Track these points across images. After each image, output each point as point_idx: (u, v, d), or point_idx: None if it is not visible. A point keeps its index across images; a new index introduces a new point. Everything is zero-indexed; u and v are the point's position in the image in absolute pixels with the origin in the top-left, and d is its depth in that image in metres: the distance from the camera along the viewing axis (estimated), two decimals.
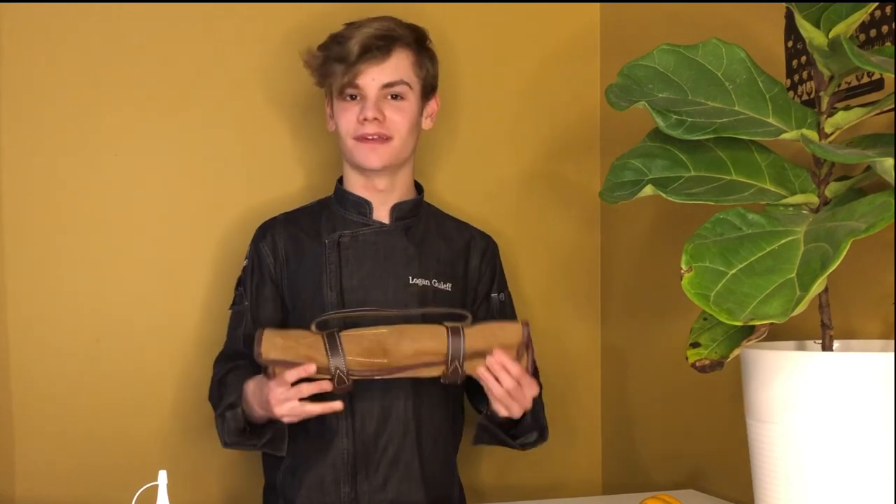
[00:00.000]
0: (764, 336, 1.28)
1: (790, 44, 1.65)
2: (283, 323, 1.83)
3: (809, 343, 1.42)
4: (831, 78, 1.32)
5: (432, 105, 1.87)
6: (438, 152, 2.17)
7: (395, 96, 1.78)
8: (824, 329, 1.33)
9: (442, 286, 1.83)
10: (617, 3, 2.21)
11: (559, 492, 2.20)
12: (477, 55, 2.20)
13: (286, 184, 2.08)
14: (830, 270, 1.09)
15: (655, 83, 1.39)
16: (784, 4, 1.62)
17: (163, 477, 1.20)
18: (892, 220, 1.12)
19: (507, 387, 1.64)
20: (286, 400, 1.61)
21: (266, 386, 1.63)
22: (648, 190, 1.34)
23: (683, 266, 1.19)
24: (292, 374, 1.59)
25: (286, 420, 1.65)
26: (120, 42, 1.99)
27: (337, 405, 1.63)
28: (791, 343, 1.44)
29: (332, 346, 1.60)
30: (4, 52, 1.93)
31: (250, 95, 2.06)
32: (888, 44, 1.44)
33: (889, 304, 1.45)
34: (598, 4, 2.27)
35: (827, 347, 1.33)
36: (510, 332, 1.64)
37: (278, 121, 2.08)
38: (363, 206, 1.84)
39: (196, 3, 2.02)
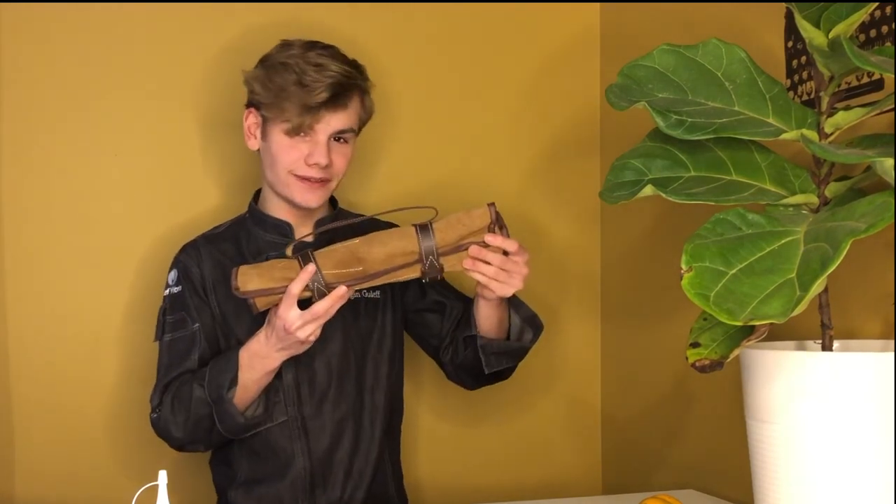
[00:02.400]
0: (764, 336, 1.28)
1: (790, 44, 1.65)
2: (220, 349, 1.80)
3: (809, 343, 1.42)
4: (831, 78, 1.32)
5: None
6: (438, 152, 2.17)
7: (339, 139, 1.76)
8: (824, 329, 1.33)
9: (370, 295, 1.83)
10: (617, 3, 2.21)
11: (559, 492, 2.20)
12: (477, 55, 2.20)
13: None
14: (830, 270, 1.09)
15: (655, 83, 1.39)
16: (784, 4, 1.62)
17: (163, 477, 1.20)
18: (892, 220, 1.12)
19: (496, 264, 1.63)
20: (305, 322, 1.59)
21: (273, 323, 1.61)
22: (648, 190, 1.34)
23: (683, 266, 1.19)
24: (297, 286, 1.57)
25: (306, 337, 1.60)
26: (123, 42, 1.99)
27: (343, 290, 1.60)
28: (791, 343, 1.44)
29: (306, 263, 1.59)
30: (4, 52, 1.93)
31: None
32: (888, 44, 1.44)
33: (889, 304, 1.45)
34: (598, 4, 2.27)
35: (827, 347, 1.33)
36: (477, 216, 1.64)
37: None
38: (283, 228, 1.81)
39: (200, 3, 2.02)
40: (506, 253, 1.65)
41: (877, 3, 1.30)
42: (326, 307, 1.59)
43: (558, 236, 2.24)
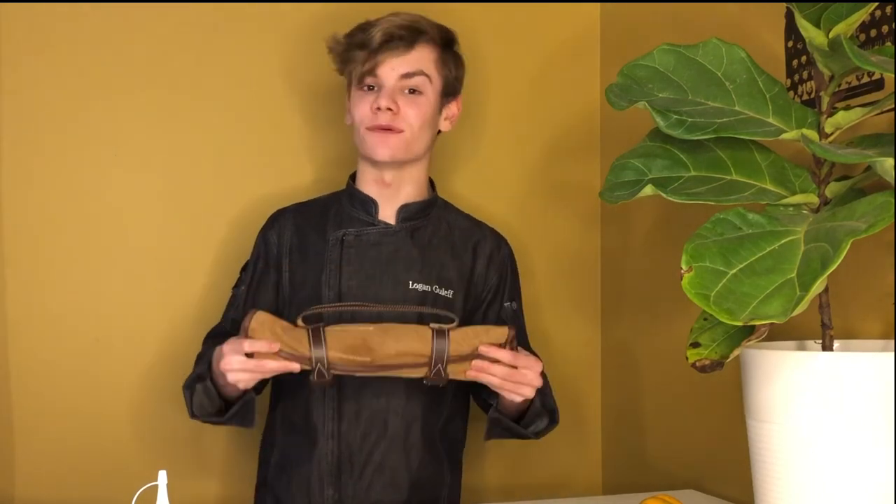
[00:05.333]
0: (764, 336, 1.28)
1: (790, 44, 1.65)
2: (277, 313, 1.81)
3: (809, 343, 1.42)
4: (831, 78, 1.32)
5: (453, 108, 1.84)
6: (438, 152, 2.17)
7: (412, 91, 1.75)
8: (824, 329, 1.33)
9: (443, 293, 1.80)
10: (617, 3, 2.21)
11: (559, 492, 2.20)
12: (477, 55, 2.20)
13: (294, 178, 2.08)
14: (830, 270, 1.09)
15: (655, 83, 1.39)
16: (784, 4, 1.62)
17: (163, 477, 1.20)
18: (892, 220, 1.12)
19: (502, 375, 1.60)
20: (241, 367, 1.56)
21: (223, 347, 1.59)
22: (648, 190, 1.34)
23: (683, 266, 1.19)
24: (250, 345, 1.54)
25: (234, 381, 1.59)
26: (121, 38, 1.99)
27: (294, 366, 1.57)
28: (791, 343, 1.44)
29: (316, 339, 1.57)
30: (4, 52, 1.93)
31: (256, 90, 2.07)
32: (888, 44, 1.44)
33: (889, 304, 1.45)
34: (598, 4, 2.27)
35: (827, 347, 1.33)
36: (495, 334, 1.61)
37: (285, 114, 2.08)
38: (369, 205, 1.82)
39: (197, 2, 2.02)
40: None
41: (877, 3, 1.30)
42: (274, 367, 1.56)
43: (558, 236, 2.24)
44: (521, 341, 1.85)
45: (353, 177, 1.87)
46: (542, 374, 1.71)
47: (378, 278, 1.78)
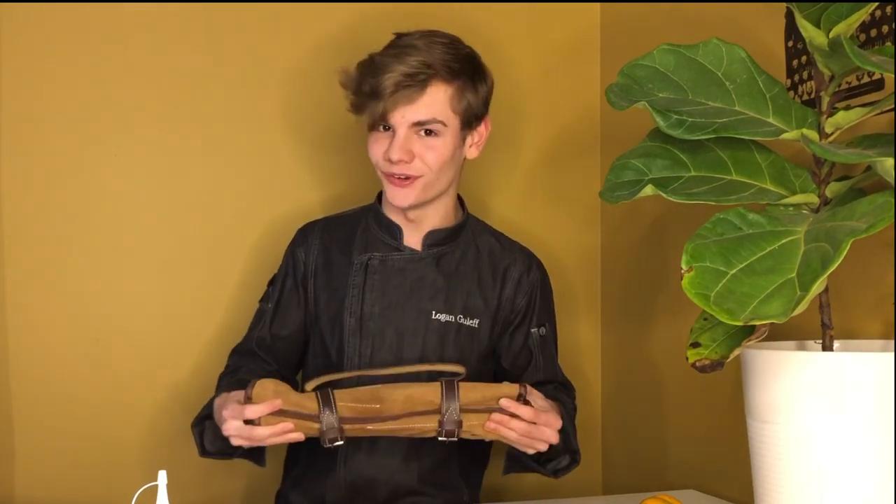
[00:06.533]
0: (764, 336, 1.28)
1: (790, 44, 1.65)
2: (305, 332, 1.82)
3: (809, 343, 1.42)
4: (831, 78, 1.32)
5: (480, 131, 1.76)
6: None
7: (427, 132, 1.68)
8: (824, 329, 1.33)
9: (468, 322, 1.76)
10: (617, 3, 2.21)
11: (559, 492, 2.20)
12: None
13: (299, 190, 2.08)
14: (831, 270, 1.09)
15: (656, 83, 1.39)
16: (784, 4, 1.62)
17: (163, 477, 1.20)
18: (893, 220, 1.12)
19: (521, 431, 1.56)
20: (237, 434, 1.54)
21: (225, 409, 1.56)
22: (648, 190, 1.34)
23: (683, 266, 1.19)
24: (251, 411, 1.51)
25: (237, 444, 1.56)
26: (123, 42, 1.99)
27: (288, 426, 1.53)
28: (791, 343, 1.44)
29: (325, 397, 1.55)
30: (4, 52, 1.93)
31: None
32: (888, 44, 1.44)
33: (889, 304, 1.45)
34: (598, 4, 2.27)
35: (827, 347, 1.33)
36: (506, 386, 1.57)
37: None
38: (394, 230, 1.77)
39: (202, 3, 2.02)
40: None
41: (877, 3, 1.30)
42: (263, 434, 1.52)
43: (558, 236, 2.24)
44: (550, 368, 1.83)
45: (379, 197, 1.83)
46: (569, 414, 1.69)
47: (401, 306, 1.75)
